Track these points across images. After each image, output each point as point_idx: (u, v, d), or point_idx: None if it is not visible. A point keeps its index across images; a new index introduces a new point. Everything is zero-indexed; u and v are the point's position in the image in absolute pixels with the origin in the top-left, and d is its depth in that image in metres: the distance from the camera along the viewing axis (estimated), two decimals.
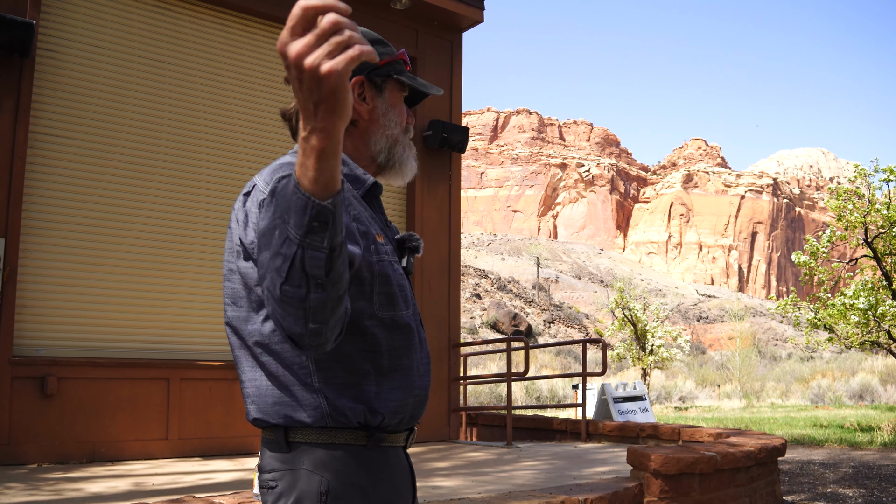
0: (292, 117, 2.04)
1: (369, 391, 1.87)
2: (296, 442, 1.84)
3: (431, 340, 11.04)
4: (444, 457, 9.34)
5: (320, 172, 1.47)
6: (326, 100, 1.40)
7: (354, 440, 1.86)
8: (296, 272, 1.52)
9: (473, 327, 66.59)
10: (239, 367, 1.91)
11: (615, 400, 14.62)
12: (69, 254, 8.65)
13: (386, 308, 1.89)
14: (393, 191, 11.18)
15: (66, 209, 8.68)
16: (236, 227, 1.86)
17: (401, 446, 2.01)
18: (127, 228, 9.05)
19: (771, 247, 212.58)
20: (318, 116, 1.42)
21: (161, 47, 9.47)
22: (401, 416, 1.94)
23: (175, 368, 8.97)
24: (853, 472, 11.62)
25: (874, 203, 18.49)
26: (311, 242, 1.50)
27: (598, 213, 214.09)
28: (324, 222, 1.49)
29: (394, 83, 2.08)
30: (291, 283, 1.52)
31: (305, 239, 1.49)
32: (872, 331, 17.82)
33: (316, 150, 1.45)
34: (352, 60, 1.37)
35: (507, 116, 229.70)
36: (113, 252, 8.93)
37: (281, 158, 1.92)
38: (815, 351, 63.84)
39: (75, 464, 8.13)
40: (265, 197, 1.74)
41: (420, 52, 11.54)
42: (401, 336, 1.93)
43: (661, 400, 37.79)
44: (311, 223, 1.49)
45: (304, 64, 1.37)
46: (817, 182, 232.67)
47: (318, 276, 1.52)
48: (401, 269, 1.99)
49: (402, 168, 2.10)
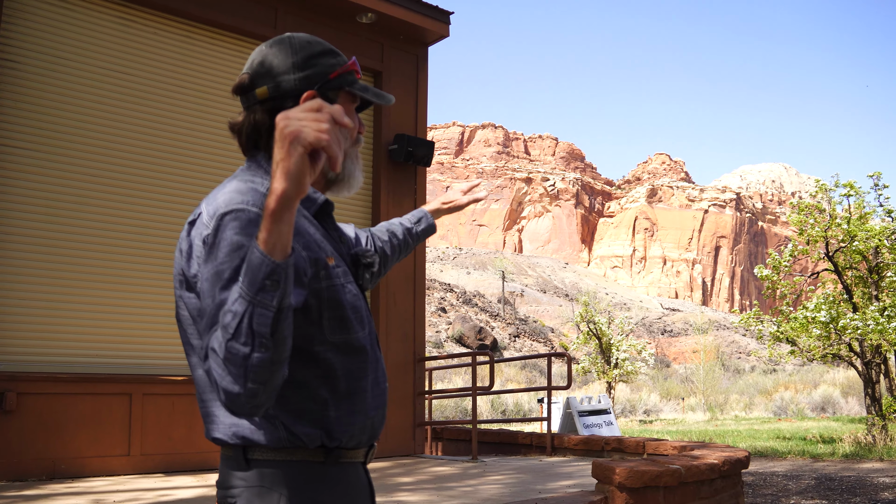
0: (241, 131, 2.00)
1: (327, 416, 1.86)
2: (254, 459, 1.84)
3: (396, 354, 11.00)
4: (409, 471, 9.30)
5: (274, 234, 1.54)
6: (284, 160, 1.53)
7: (312, 457, 1.86)
8: (243, 329, 1.56)
9: (439, 341, 66.53)
10: (198, 387, 1.90)
11: (580, 413, 14.66)
12: (29, 267, 8.53)
13: (338, 332, 1.88)
14: (358, 205, 11.16)
15: (26, 222, 8.56)
16: (179, 258, 1.86)
17: (360, 462, 2.00)
18: (89, 242, 8.95)
19: (734, 261, 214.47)
20: (276, 178, 1.53)
21: (125, 58, 9.39)
22: (359, 438, 1.93)
23: (137, 383, 8.87)
24: (815, 484, 11.72)
25: (835, 218, 18.73)
26: (261, 300, 1.55)
27: (564, 227, 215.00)
28: (276, 281, 1.55)
29: (345, 94, 2.04)
30: (237, 339, 1.56)
31: (257, 296, 1.54)
32: (834, 343, 18.02)
33: (270, 212, 1.54)
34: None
35: (472, 130, 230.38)
36: (74, 266, 8.82)
37: (229, 183, 1.88)
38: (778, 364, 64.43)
39: (34, 481, 8.00)
40: (208, 233, 1.75)
41: (385, 66, 11.54)
42: (357, 359, 1.92)
43: (626, 413, 37.95)
44: (265, 281, 1.54)
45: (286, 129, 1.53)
46: (779, 197, 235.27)
47: (264, 335, 1.56)
48: (355, 288, 1.98)
49: (349, 181, 2.06)
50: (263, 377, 1.59)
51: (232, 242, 1.69)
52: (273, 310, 1.56)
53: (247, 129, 1.98)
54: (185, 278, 1.84)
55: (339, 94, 2.02)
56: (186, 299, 1.86)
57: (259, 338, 1.56)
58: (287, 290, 1.57)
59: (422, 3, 11.43)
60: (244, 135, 2.00)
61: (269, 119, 1.94)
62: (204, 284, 1.71)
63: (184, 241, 1.84)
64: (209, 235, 1.74)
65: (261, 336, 1.56)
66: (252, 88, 1.96)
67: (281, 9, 10.47)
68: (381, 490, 7.46)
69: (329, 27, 10.86)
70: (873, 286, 18.45)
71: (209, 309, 1.68)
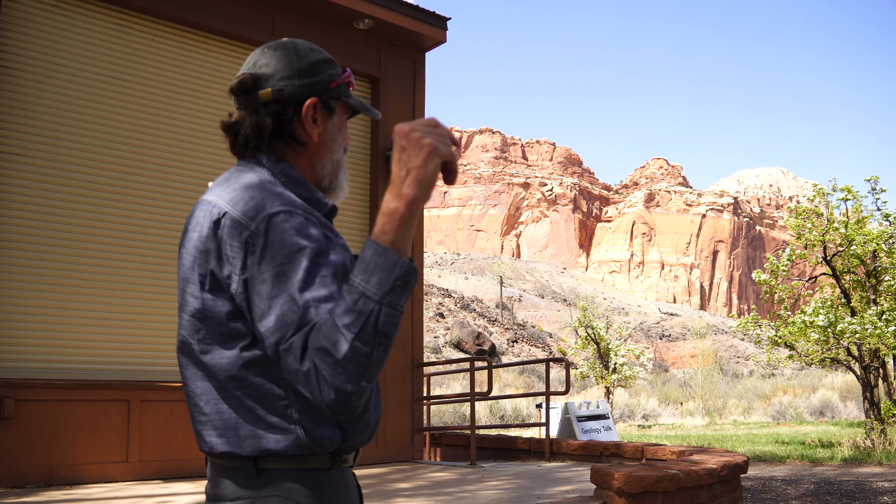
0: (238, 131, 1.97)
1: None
2: (266, 469, 1.80)
3: (394, 360, 11.00)
4: (407, 477, 9.29)
5: (405, 233, 1.63)
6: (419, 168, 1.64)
7: (322, 464, 1.84)
8: (369, 329, 1.58)
9: (437, 347, 66.52)
10: (196, 399, 1.85)
11: (578, 419, 14.65)
12: (27, 274, 8.52)
13: None
14: (356, 210, 11.16)
15: (25, 229, 8.56)
16: (200, 258, 1.81)
17: (349, 465, 1.99)
18: (87, 249, 8.95)
19: (732, 265, 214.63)
20: (406, 183, 1.64)
21: (122, 65, 9.40)
22: (360, 439, 1.92)
23: (135, 390, 8.86)
24: (814, 488, 11.72)
25: (832, 222, 18.75)
26: (390, 301, 1.59)
27: (561, 232, 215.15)
28: (406, 282, 1.61)
29: (342, 105, 2.05)
30: (362, 339, 1.58)
31: (387, 297, 1.59)
32: (832, 348, 18.03)
33: (400, 216, 1.62)
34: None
35: (470, 136, 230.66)
36: (72, 273, 8.82)
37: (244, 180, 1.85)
38: (777, 368, 64.45)
39: (33, 488, 7.99)
40: (252, 233, 1.73)
41: (383, 72, 11.55)
42: None
43: (625, 418, 37.91)
44: (396, 282, 1.59)
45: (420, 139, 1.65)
46: (777, 201, 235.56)
47: (388, 335, 1.60)
48: None
49: (338, 191, 2.06)
50: (374, 376, 1.64)
51: (292, 244, 1.70)
52: (401, 310, 1.62)
53: (246, 129, 1.95)
54: (215, 278, 1.79)
55: (337, 103, 2.02)
56: (208, 302, 1.80)
57: (382, 337, 1.60)
58: (409, 293, 1.63)
59: (419, 9, 11.45)
60: (241, 135, 1.96)
61: (273, 122, 1.93)
62: (265, 287, 1.69)
63: (209, 241, 1.79)
64: (255, 236, 1.72)
65: (385, 335, 1.60)
66: (255, 90, 1.94)
67: (278, 15, 10.48)
68: (379, 496, 7.46)
69: (326, 33, 10.87)
70: (871, 290, 18.46)
71: (287, 308, 1.66)
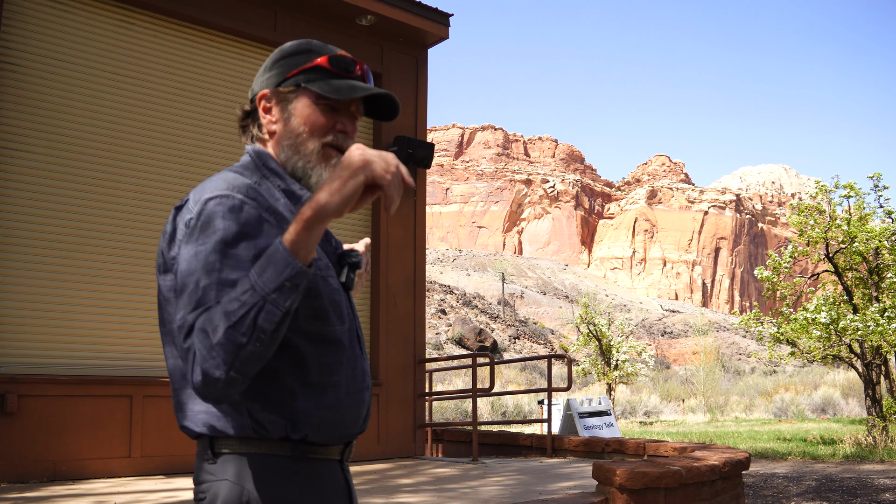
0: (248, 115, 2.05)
1: (294, 406, 1.85)
2: (222, 453, 1.84)
3: (397, 356, 11.00)
4: (409, 473, 9.30)
5: (305, 240, 1.60)
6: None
7: (279, 451, 1.85)
8: (248, 321, 1.58)
9: (439, 343, 66.53)
10: (172, 378, 1.94)
11: (580, 415, 14.65)
12: (30, 269, 8.53)
13: (313, 322, 1.86)
14: None
15: (27, 225, 8.57)
16: (161, 242, 1.88)
17: (335, 459, 1.98)
18: (89, 244, 8.96)
19: (734, 262, 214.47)
20: (323, 191, 1.61)
21: (124, 61, 9.39)
22: (328, 434, 1.92)
23: (138, 385, 8.87)
24: (816, 485, 11.72)
25: (835, 219, 18.74)
26: (275, 299, 1.58)
27: (563, 228, 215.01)
28: (295, 285, 1.60)
29: (308, 94, 1.97)
30: (239, 329, 1.58)
31: (272, 294, 1.58)
32: (834, 345, 18.02)
33: (305, 219, 1.59)
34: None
35: (472, 132, 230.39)
36: (75, 268, 8.83)
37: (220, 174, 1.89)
38: (778, 365, 64.42)
39: (35, 483, 8.01)
40: (191, 217, 1.77)
41: (385, 69, 11.55)
42: (331, 352, 1.91)
43: (626, 415, 37.93)
44: (285, 282, 1.58)
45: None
46: (779, 198, 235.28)
47: (266, 332, 1.59)
48: (337, 284, 1.97)
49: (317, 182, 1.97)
50: (248, 369, 1.62)
51: (216, 227, 1.72)
52: (284, 310, 1.60)
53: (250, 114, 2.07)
54: (165, 260, 1.86)
55: (297, 94, 1.97)
56: (161, 282, 1.89)
57: (260, 332, 1.59)
58: (300, 296, 1.62)
59: (421, 5, 11.44)
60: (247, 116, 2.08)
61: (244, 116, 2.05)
62: (184, 264, 1.73)
63: (168, 225, 1.86)
64: (192, 219, 1.76)
65: (263, 332, 1.59)
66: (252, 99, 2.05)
67: (280, 11, 10.47)
68: (381, 491, 7.47)
69: (329, 30, 10.87)
70: (873, 287, 18.45)
71: (193, 287, 1.69)
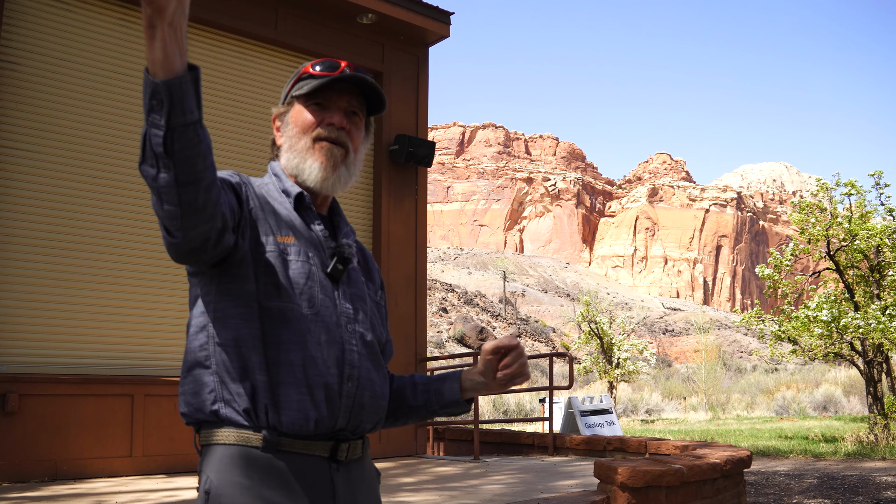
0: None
1: (259, 380, 1.91)
2: (204, 444, 1.95)
3: (398, 355, 10.98)
4: (411, 472, 9.30)
5: (150, 51, 1.60)
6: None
7: (246, 441, 1.90)
8: (148, 151, 1.65)
9: (440, 341, 66.55)
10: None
11: (582, 413, 14.65)
12: (31, 268, 8.53)
13: (272, 297, 1.94)
14: (359, 205, 11.16)
15: (28, 224, 8.56)
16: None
17: (322, 456, 1.97)
18: (90, 243, 8.95)
19: (735, 260, 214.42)
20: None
21: (125, 60, 9.38)
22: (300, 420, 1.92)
23: (139, 384, 8.87)
24: (818, 483, 11.72)
25: (836, 217, 18.71)
26: (152, 120, 1.62)
27: (565, 226, 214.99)
28: (160, 100, 1.61)
29: (297, 101, 2.17)
30: (146, 161, 1.66)
31: (149, 117, 1.63)
32: (835, 342, 17.99)
33: (145, 35, 1.60)
34: None
35: (473, 131, 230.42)
36: (76, 266, 8.82)
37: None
38: (780, 363, 64.38)
39: (37, 482, 8.01)
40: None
41: (386, 67, 11.54)
42: (291, 330, 1.95)
43: (628, 413, 37.93)
44: (151, 101, 1.61)
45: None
46: (780, 196, 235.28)
47: (160, 155, 1.63)
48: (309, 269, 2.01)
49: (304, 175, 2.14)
50: (175, 199, 1.68)
51: None
52: (163, 128, 1.62)
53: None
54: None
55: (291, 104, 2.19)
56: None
57: (159, 158, 1.64)
58: (176, 111, 1.62)
59: (422, 3, 11.43)
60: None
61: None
62: None
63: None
64: None
65: (156, 156, 1.64)
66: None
67: (281, 10, 10.47)
68: (383, 490, 7.44)
69: (329, 28, 10.87)
70: (875, 285, 18.43)
71: None
